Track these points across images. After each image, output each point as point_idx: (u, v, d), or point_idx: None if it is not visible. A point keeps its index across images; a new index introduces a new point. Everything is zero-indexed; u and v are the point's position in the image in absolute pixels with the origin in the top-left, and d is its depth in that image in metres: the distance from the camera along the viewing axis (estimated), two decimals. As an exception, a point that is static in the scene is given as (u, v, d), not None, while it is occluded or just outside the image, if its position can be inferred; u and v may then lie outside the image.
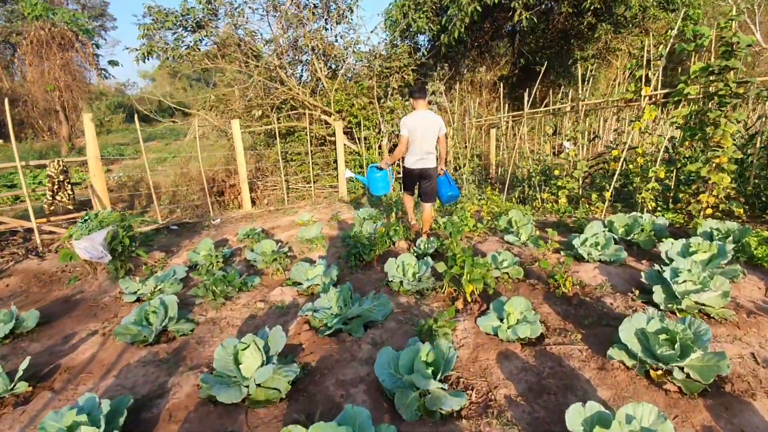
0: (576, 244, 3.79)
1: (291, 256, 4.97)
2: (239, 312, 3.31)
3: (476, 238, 5.11)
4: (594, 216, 5.97)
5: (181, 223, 7.11)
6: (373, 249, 4.45)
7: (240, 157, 7.67)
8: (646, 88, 5.45)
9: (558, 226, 5.49)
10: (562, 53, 13.17)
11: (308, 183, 9.57)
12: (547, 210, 6.59)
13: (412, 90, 4.60)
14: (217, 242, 5.93)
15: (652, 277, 3.02)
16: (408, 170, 4.73)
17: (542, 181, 7.17)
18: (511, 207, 6.41)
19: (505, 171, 9.81)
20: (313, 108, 9.29)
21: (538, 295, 3.23)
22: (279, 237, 5.97)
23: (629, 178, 6.36)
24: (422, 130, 4.34)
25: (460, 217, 5.77)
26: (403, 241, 4.97)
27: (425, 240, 4.69)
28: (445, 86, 11.79)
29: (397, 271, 3.70)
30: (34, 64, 16.61)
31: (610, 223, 4.48)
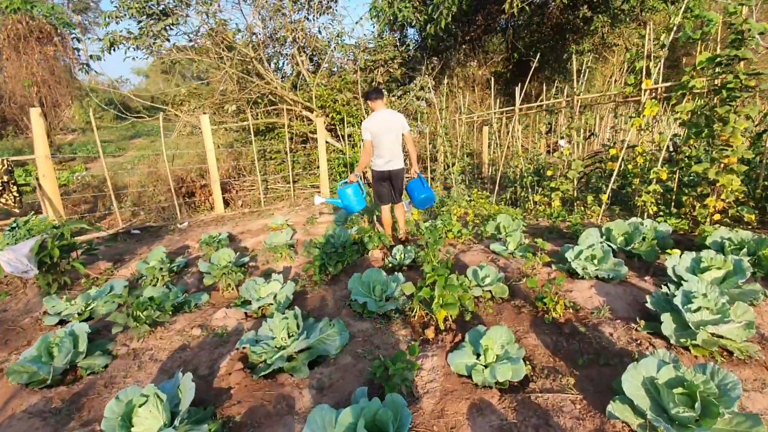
0: (569, 257, 3.29)
1: (252, 267, 4.45)
2: (169, 341, 2.78)
3: (460, 246, 4.60)
4: (590, 220, 5.48)
5: (144, 227, 6.56)
6: (341, 260, 3.94)
7: (211, 156, 7.12)
8: (647, 81, 4.95)
9: (550, 232, 5.00)
10: (557, 48, 12.68)
11: (288, 183, 9.04)
12: (540, 213, 6.10)
13: (368, 92, 4.39)
14: (176, 250, 5.40)
15: (659, 302, 2.53)
16: (379, 173, 4.45)
17: (535, 182, 6.67)
18: (500, 210, 5.91)
19: (497, 170, 9.33)
20: (293, 103, 8.75)
21: (524, 321, 2.72)
22: (246, 243, 5.44)
23: (627, 179, 5.88)
24: (386, 131, 4.17)
25: (444, 222, 5.27)
26: (377, 250, 4.46)
27: (402, 249, 4.18)
28: (435, 81, 11.28)
29: (361, 288, 3.19)
30: (11, 59, 15.94)
31: (607, 231, 3.99)
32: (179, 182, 7.40)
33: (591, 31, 11.23)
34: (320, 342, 2.52)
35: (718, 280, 2.88)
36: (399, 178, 4.50)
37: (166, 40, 7.51)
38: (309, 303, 3.33)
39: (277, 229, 6.34)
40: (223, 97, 8.12)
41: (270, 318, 2.65)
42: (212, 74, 8.48)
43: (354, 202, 4.47)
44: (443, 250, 4.56)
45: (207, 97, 8.17)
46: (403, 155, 4.50)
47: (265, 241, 5.23)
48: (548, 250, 4.00)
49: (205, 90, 8.26)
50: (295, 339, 2.48)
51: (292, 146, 9.08)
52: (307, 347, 2.50)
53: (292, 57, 8.87)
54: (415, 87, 9.18)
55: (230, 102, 7.87)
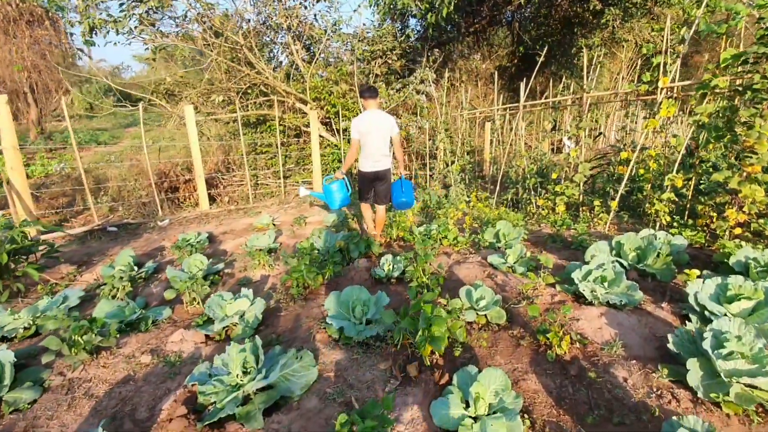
0: (576, 278, 2.91)
1: (228, 275, 4.07)
2: (113, 370, 2.41)
3: (455, 256, 4.22)
4: (596, 228, 5.09)
5: (122, 224, 6.19)
6: (321, 271, 3.56)
7: (195, 149, 6.72)
8: (664, 79, 4.53)
9: (554, 241, 4.62)
10: (565, 42, 12.18)
11: (280, 178, 8.64)
12: (543, 217, 5.72)
13: (362, 89, 4.31)
14: (150, 251, 5.03)
15: (683, 343, 2.15)
16: (363, 174, 4.38)
17: (538, 184, 6.27)
18: (500, 216, 5.52)
19: (499, 170, 8.92)
20: (286, 95, 8.32)
21: (524, 356, 2.35)
22: (227, 246, 5.07)
23: (637, 182, 5.48)
24: (374, 132, 4.10)
25: (440, 227, 4.89)
26: (363, 259, 4.08)
27: (390, 259, 3.80)
28: (436, 74, 10.83)
29: (340, 309, 2.81)
30: (0, 42, 15.45)
31: (618, 245, 3.59)
32: (162, 176, 7.01)
33: (601, 25, 10.73)
34: (283, 379, 2.15)
35: (747, 311, 2.50)
36: (385, 180, 4.39)
37: (150, 25, 7.07)
38: (281, 323, 2.96)
39: (262, 229, 5.97)
40: (211, 87, 7.69)
41: (231, 345, 2.28)
42: (201, 63, 8.03)
43: (337, 199, 4.52)
44: (437, 259, 4.18)
45: (194, 86, 7.75)
46: (390, 157, 4.39)
47: (246, 244, 4.86)
48: (552, 266, 3.62)
49: (192, 79, 7.83)
50: (252, 377, 2.11)
51: (285, 140, 8.67)
52: (267, 386, 2.13)
53: (286, 45, 8.42)
54: (414, 80, 8.73)
55: (217, 92, 7.44)
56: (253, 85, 8.08)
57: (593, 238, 4.72)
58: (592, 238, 4.71)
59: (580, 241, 4.34)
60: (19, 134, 16.10)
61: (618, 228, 5.10)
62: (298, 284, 3.42)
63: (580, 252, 4.17)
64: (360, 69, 8.65)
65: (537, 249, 4.47)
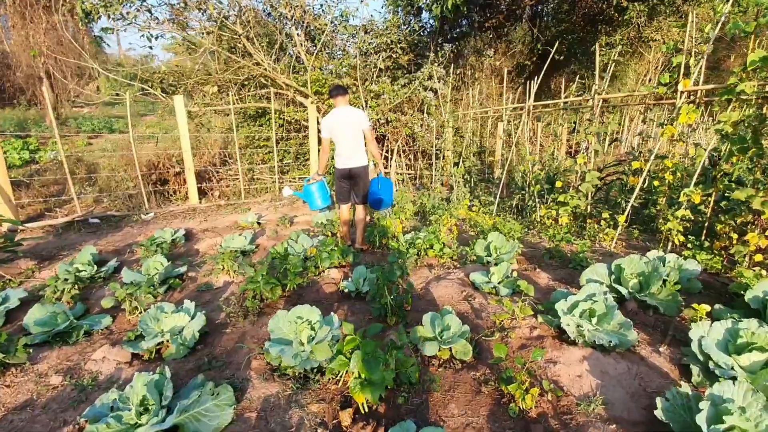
0: (560, 310, 2.50)
1: (190, 279, 3.80)
2: (17, 391, 2.15)
3: (437, 270, 3.84)
4: (602, 244, 4.63)
5: (105, 216, 6.01)
6: (281, 283, 3.24)
7: (184, 141, 6.49)
8: (684, 81, 4.03)
9: (551, 257, 4.19)
10: (587, 40, 11.51)
11: (275, 173, 8.37)
12: (546, 228, 5.28)
13: (330, 89, 4.31)
14: (122, 247, 4.80)
15: (675, 410, 1.73)
16: (339, 171, 4.27)
17: (545, 190, 5.80)
18: (498, 223, 5.10)
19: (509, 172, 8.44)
20: (286, 88, 8.02)
21: (482, 408, 1.97)
22: (201, 245, 4.80)
23: (653, 194, 4.98)
24: (344, 128, 4.04)
25: (429, 234, 4.52)
26: (335, 269, 3.74)
27: (363, 272, 3.45)
28: (447, 71, 10.37)
29: (285, 329, 2.48)
30: (17, 27, 15.66)
31: (618, 269, 3.15)
32: (151, 168, 6.81)
33: (625, 22, 10.05)
34: (191, 420, 1.84)
35: (759, 364, 2.06)
36: (361, 177, 4.24)
37: (147, 11, 6.85)
38: (223, 343, 2.65)
39: (246, 228, 5.70)
40: (208, 77, 7.45)
41: (136, 377, 1.98)
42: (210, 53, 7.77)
43: (317, 198, 4.41)
44: (417, 273, 3.82)
45: (190, 76, 7.52)
46: (366, 153, 4.26)
47: (221, 245, 4.58)
48: (544, 286, 3.21)
49: (189, 69, 7.60)
50: (152, 415, 1.80)
51: (284, 134, 8.39)
52: (173, 427, 1.82)
53: (288, 36, 8.11)
54: (421, 75, 8.30)
55: (211, 83, 7.19)
56: (252, 76, 7.81)
57: (596, 255, 4.27)
58: (596, 255, 4.27)
59: (580, 259, 3.90)
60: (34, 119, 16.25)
61: (626, 245, 4.63)
62: (254, 296, 3.11)
63: (577, 272, 3.74)
64: (364, 63, 8.27)
65: (531, 266, 4.05)
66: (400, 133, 8.98)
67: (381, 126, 8.64)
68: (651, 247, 4.51)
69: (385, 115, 8.23)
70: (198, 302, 3.29)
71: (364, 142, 4.19)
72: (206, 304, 3.25)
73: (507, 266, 3.37)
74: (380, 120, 8.30)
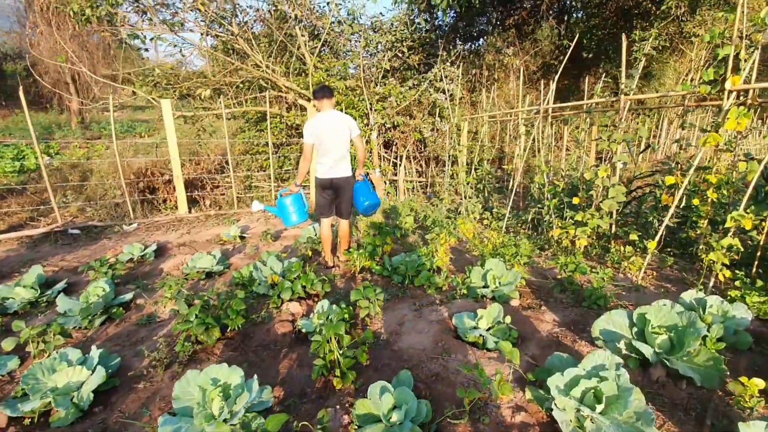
0: (555, 388, 1.83)
1: (135, 309, 3.34)
2: None
3: (419, 305, 3.22)
4: (627, 273, 3.87)
5: (86, 227, 5.71)
6: (221, 322, 2.71)
7: (172, 147, 6.13)
8: (733, 78, 3.23)
9: (563, 290, 3.49)
10: (619, 37, 10.53)
11: (276, 181, 7.94)
12: (563, 250, 4.56)
13: (315, 89, 3.92)
14: (86, 263, 4.42)
15: None
16: (320, 181, 3.88)
17: (564, 205, 5.06)
18: (504, 243, 4.41)
19: (524, 182, 7.68)
20: (286, 91, 7.58)
21: None
22: (167, 264, 4.37)
23: (693, 212, 4.17)
24: (331, 134, 3.67)
25: (421, 257, 3.90)
26: (295, 303, 3.18)
27: (326, 307, 2.88)
28: (463, 71, 9.67)
29: (194, 393, 1.94)
30: (45, 34, 16.11)
31: (641, 320, 2.43)
32: (141, 176, 6.50)
33: (663, 15, 9.05)
34: None
35: None
36: (344, 189, 3.89)
37: (143, 12, 6.56)
38: (127, 404, 2.14)
39: (227, 242, 5.26)
40: (204, 80, 7.11)
41: None
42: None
43: (291, 213, 3.97)
44: (395, 308, 3.21)
45: (186, 78, 7.20)
46: (350, 163, 3.90)
47: (188, 264, 4.13)
48: (545, 334, 2.54)
49: (183, 72, 7.29)
50: None
51: (284, 139, 7.96)
52: None
53: (289, 35, 7.67)
54: (432, 76, 7.67)
55: (204, 86, 6.83)
56: (250, 79, 7.41)
57: (620, 288, 3.54)
58: (619, 288, 3.53)
59: (597, 297, 3.18)
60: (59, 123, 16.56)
61: (658, 275, 3.86)
62: (187, 339, 2.59)
63: (593, 313, 3.04)
64: (370, 63, 7.73)
65: (537, 301, 3.37)
66: (408, 138, 8.38)
67: (387, 131, 8.06)
68: (687, 279, 3.73)
69: (392, 118, 7.65)
70: (128, 341, 2.81)
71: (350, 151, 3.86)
72: (136, 343, 2.77)
73: (498, 310, 2.71)
74: (386, 124, 7.72)
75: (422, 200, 8.06)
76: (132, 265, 4.39)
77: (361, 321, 2.93)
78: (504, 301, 3.29)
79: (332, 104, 3.76)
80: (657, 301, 2.53)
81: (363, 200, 4.00)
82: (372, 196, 4.07)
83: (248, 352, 2.62)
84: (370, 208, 4.08)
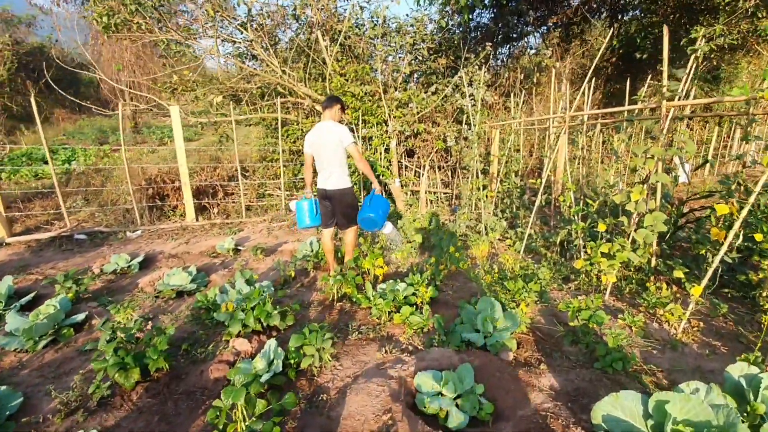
0: None
1: (88, 330, 3.09)
2: None
3: (387, 351, 2.69)
4: (663, 323, 3.10)
5: (92, 232, 5.71)
6: (141, 362, 2.34)
7: (180, 153, 6.04)
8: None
9: (574, 341, 2.83)
10: (680, 35, 9.32)
11: (288, 190, 7.70)
12: (587, 285, 3.84)
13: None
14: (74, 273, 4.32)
15: None
16: (319, 191, 3.89)
17: (595, 228, 4.30)
18: (510, 277, 3.75)
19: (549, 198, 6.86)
20: (302, 96, 7.32)
21: None
22: (146, 279, 4.13)
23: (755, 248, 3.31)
24: (321, 145, 3.71)
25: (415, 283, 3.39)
26: (242, 339, 2.76)
27: (272, 349, 2.45)
28: (495, 75, 8.97)
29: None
30: (105, 44, 17.25)
31: (658, 412, 1.76)
32: (151, 182, 6.48)
33: (733, 10, 7.82)
34: None
35: None
36: (339, 200, 3.83)
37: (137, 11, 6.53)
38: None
39: (219, 255, 5.01)
40: (220, 87, 7.02)
41: None
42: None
43: (305, 215, 3.97)
44: (360, 351, 2.71)
45: (205, 84, 7.16)
46: (345, 174, 3.79)
47: (162, 281, 3.88)
48: (536, 406, 1.94)
49: (201, 78, 7.26)
50: None
51: (300, 147, 7.71)
52: None
53: (309, 41, 7.42)
54: (457, 80, 7.08)
55: (215, 92, 6.71)
56: (265, 85, 7.24)
57: (651, 343, 2.81)
58: (650, 343, 2.80)
59: (614, 359, 2.49)
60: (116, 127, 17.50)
61: (706, 327, 3.06)
62: (103, 380, 2.26)
63: (606, 380, 2.37)
64: (390, 68, 7.28)
65: (538, 353, 2.73)
66: (431, 147, 7.82)
67: (407, 139, 7.56)
68: (744, 337, 2.89)
69: (411, 126, 7.14)
70: (56, 372, 2.54)
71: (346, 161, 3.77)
72: (60, 376, 2.48)
73: (468, 375, 2.13)
74: (405, 132, 7.22)
75: (446, 213, 7.46)
76: (113, 277, 4.23)
77: (308, 370, 2.46)
78: (496, 351, 2.69)
79: (332, 114, 3.76)
80: (686, 383, 1.85)
81: (365, 212, 3.69)
82: (369, 210, 3.68)
83: (168, 400, 2.24)
84: (372, 222, 3.71)
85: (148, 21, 6.24)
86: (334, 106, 3.76)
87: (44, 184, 7.65)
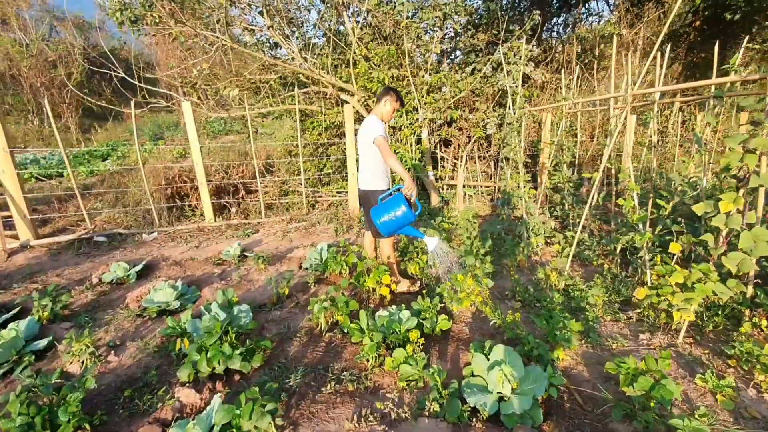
0: None
1: (50, 358, 2.80)
2: None
3: (364, 420, 2.07)
4: (763, 390, 2.17)
5: (112, 234, 5.64)
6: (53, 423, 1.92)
7: (195, 152, 5.76)
8: None
9: (629, 415, 2.03)
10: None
11: (314, 186, 7.25)
12: (653, 318, 2.95)
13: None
14: (81, 278, 4.15)
15: None
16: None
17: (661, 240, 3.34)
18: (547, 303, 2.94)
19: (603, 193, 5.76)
20: (325, 86, 6.77)
21: None
22: (134, 293, 3.81)
23: None
24: (358, 140, 3.50)
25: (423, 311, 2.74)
26: (187, 389, 2.26)
27: (218, 406, 1.94)
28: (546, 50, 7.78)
29: None
30: (160, 43, 17.91)
31: None
32: (169, 182, 6.31)
33: None
34: None
35: None
36: (364, 201, 3.50)
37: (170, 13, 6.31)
38: None
39: (224, 263, 4.64)
40: (239, 79, 6.68)
41: None
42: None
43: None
44: (329, 414, 2.13)
45: (228, 77, 6.85)
46: (374, 175, 3.38)
47: (148, 298, 3.55)
48: None
49: (221, 72, 6.96)
50: None
51: (327, 139, 7.21)
52: None
53: (335, 25, 6.82)
54: (498, 56, 6.12)
55: (233, 85, 6.35)
56: (285, 75, 6.78)
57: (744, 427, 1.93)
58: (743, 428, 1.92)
59: (685, 455, 1.67)
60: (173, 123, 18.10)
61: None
62: (12, 441, 1.88)
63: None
64: (419, 48, 6.47)
65: (573, 431, 1.97)
66: (468, 135, 6.94)
67: (441, 128, 6.75)
68: None
69: (443, 112, 6.32)
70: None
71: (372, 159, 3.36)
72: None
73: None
74: (437, 120, 6.42)
75: (487, 210, 6.61)
76: (108, 288, 4.00)
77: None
78: (512, 426, 1.97)
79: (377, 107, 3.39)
80: None
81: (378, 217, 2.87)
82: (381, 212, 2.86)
83: (78, 476, 1.80)
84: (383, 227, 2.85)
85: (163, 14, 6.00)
86: (382, 98, 3.35)
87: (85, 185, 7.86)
